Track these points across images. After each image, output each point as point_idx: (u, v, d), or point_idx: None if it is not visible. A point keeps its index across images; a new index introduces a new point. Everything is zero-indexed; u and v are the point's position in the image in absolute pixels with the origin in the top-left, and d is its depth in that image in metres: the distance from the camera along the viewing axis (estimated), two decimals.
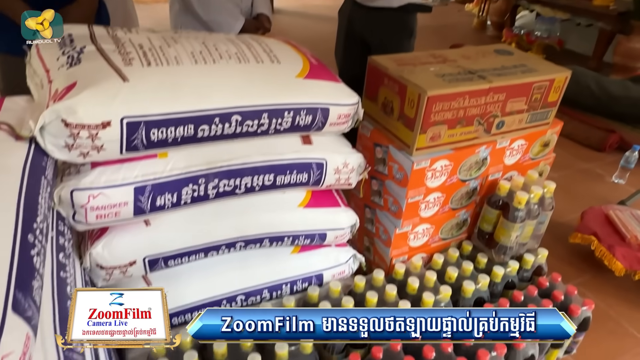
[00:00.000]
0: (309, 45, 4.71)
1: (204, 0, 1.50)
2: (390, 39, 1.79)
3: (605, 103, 2.75)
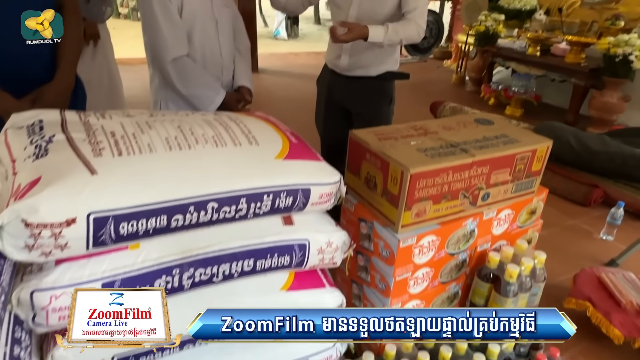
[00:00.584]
0: (293, 105, 4.81)
1: (183, 75, 1.49)
2: (371, 106, 1.81)
3: (585, 158, 2.79)
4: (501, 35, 4.72)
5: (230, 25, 1.63)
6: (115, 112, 1.06)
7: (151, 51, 1.50)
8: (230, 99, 1.60)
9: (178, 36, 1.46)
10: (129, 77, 4.88)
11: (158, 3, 1.42)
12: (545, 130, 3.03)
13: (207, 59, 1.56)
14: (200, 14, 1.51)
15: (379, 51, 1.70)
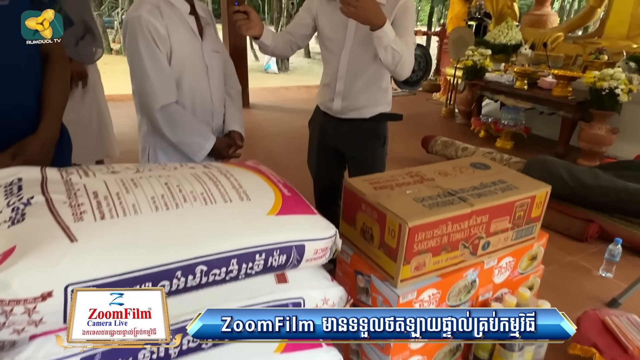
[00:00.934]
0: (284, 140, 4.77)
1: (172, 123, 1.46)
2: (365, 148, 1.78)
3: (579, 193, 2.78)
4: (489, 69, 4.80)
5: (221, 70, 1.61)
6: (99, 167, 1.02)
7: (139, 99, 1.47)
8: (220, 144, 1.57)
9: (166, 83, 1.43)
10: (120, 113, 4.86)
11: (146, 50, 1.40)
12: (537, 164, 3.03)
13: (197, 105, 1.54)
14: (190, 60, 1.49)
15: (373, 93, 1.69)
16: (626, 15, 4.65)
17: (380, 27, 1.40)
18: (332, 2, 1.63)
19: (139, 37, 1.39)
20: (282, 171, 4.11)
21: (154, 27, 1.38)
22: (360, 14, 1.37)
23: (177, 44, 1.44)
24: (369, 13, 1.37)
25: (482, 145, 4.12)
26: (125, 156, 3.84)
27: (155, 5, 1.41)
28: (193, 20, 1.49)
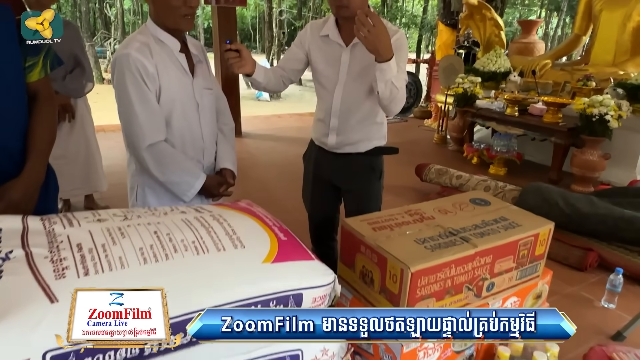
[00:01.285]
0: (277, 170, 4.71)
1: (159, 161, 1.42)
2: (360, 183, 1.75)
3: (576, 221, 2.76)
4: (479, 97, 4.85)
5: (213, 107, 1.58)
6: (85, 215, 0.97)
7: (126, 137, 1.43)
8: (211, 182, 1.52)
9: (155, 122, 1.40)
10: (111, 144, 4.81)
11: (134, 88, 1.37)
12: (533, 192, 3.02)
13: (187, 143, 1.50)
14: (180, 97, 1.46)
15: (368, 127, 1.66)
16: (611, 43, 4.75)
17: (387, 60, 1.38)
18: (324, 38, 1.62)
19: (127, 76, 1.36)
20: (275, 202, 4.10)
21: (143, 65, 1.36)
22: (371, 41, 1.34)
23: (166, 81, 1.42)
24: (379, 43, 1.35)
25: (475, 172, 4.12)
26: (116, 189, 3.78)
27: (144, 43, 1.39)
28: (184, 58, 1.47)
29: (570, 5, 19.26)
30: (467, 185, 3.42)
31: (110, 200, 3.41)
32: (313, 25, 1.69)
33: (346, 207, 1.82)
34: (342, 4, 1.47)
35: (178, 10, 1.36)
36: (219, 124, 1.66)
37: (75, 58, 2.77)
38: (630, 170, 4.01)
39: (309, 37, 1.66)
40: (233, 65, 1.47)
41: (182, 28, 1.42)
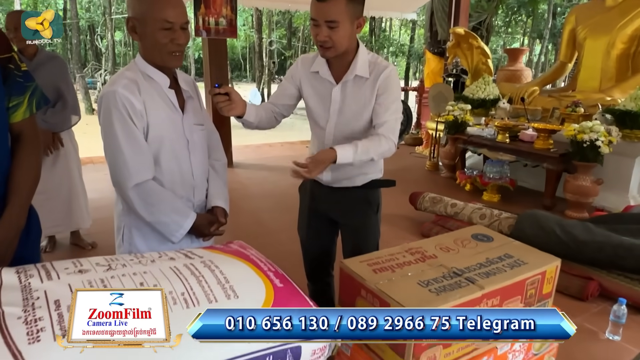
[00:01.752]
0: (270, 201, 4.62)
1: (147, 201, 1.35)
2: (357, 216, 1.70)
3: (574, 249, 2.72)
4: (470, 124, 4.87)
5: (204, 144, 1.54)
6: (65, 266, 0.90)
7: (112, 177, 1.37)
8: (202, 221, 1.46)
9: (141, 160, 1.34)
10: (99, 177, 4.72)
11: (121, 126, 1.32)
12: (529, 220, 2.98)
13: (177, 181, 1.44)
14: (169, 134, 1.41)
15: (362, 164, 1.62)
16: (596, 70, 4.84)
17: (335, 159, 1.41)
18: (315, 74, 1.60)
19: (114, 113, 1.31)
20: (268, 234, 4.00)
21: (130, 102, 1.31)
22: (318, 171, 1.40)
23: (155, 118, 1.37)
24: (321, 165, 1.41)
25: (469, 199, 4.09)
26: (104, 223, 3.67)
27: (132, 80, 1.35)
28: (173, 94, 1.43)
29: (552, 33, 19.84)
30: (462, 214, 3.38)
31: (99, 236, 3.31)
32: (304, 59, 1.66)
33: (343, 242, 1.76)
34: (327, 46, 1.45)
35: (166, 47, 1.32)
36: (211, 160, 1.61)
37: (59, 91, 2.72)
38: (623, 195, 4.01)
39: (300, 71, 1.64)
40: (222, 108, 1.43)
41: (170, 65, 1.38)
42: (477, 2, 8.50)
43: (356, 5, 1.44)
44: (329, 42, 1.44)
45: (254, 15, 17.73)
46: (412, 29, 22.71)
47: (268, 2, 7.34)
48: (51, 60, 2.70)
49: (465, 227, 1.42)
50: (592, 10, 4.97)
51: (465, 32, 5.87)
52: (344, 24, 1.42)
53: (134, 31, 1.33)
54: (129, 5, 1.33)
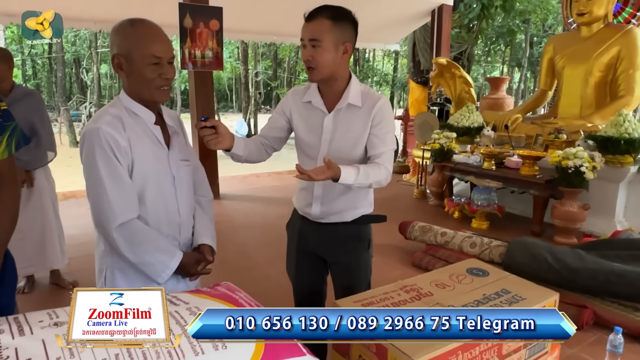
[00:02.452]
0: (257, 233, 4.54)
1: (131, 241, 1.30)
2: (347, 253, 1.65)
3: (566, 277, 2.69)
4: (456, 151, 4.92)
5: (190, 180, 1.50)
6: (38, 318, 0.84)
7: (95, 217, 1.32)
8: (188, 260, 1.40)
9: (126, 199, 1.30)
10: (81, 212, 4.61)
11: (104, 164, 1.28)
12: (520, 248, 2.97)
13: (162, 219, 1.39)
14: (154, 171, 1.37)
15: (352, 196, 1.59)
16: (576, 97, 4.96)
17: (338, 178, 1.37)
18: (307, 104, 1.59)
19: (97, 151, 1.27)
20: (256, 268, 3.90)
21: (114, 139, 1.28)
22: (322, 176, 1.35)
23: (139, 155, 1.33)
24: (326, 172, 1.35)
25: (458, 226, 4.08)
26: (87, 260, 3.56)
27: (117, 116, 1.32)
28: (159, 130, 1.39)
29: (529, 62, 20.50)
30: (453, 243, 3.35)
31: (80, 273, 3.19)
32: (294, 92, 1.66)
33: (334, 280, 1.71)
34: (310, 65, 1.48)
35: (154, 82, 1.30)
36: (197, 196, 1.56)
37: (33, 128, 2.66)
38: (610, 220, 4.04)
39: (291, 103, 1.63)
40: (209, 142, 1.41)
41: (158, 100, 1.36)
42: (457, 33, 8.75)
43: (342, 29, 1.46)
44: (312, 61, 1.46)
45: (239, 47, 18.00)
46: (395, 59, 23.28)
47: (253, 35, 7.45)
48: (26, 97, 2.66)
49: (460, 262, 1.39)
50: (569, 40, 5.13)
51: (447, 62, 6.00)
52: (327, 44, 1.44)
53: (120, 68, 1.31)
54: (114, 42, 1.31)
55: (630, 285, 2.51)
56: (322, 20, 1.43)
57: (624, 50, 4.65)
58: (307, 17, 1.47)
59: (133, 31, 1.29)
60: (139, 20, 1.32)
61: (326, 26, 1.43)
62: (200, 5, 4.94)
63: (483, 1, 8.40)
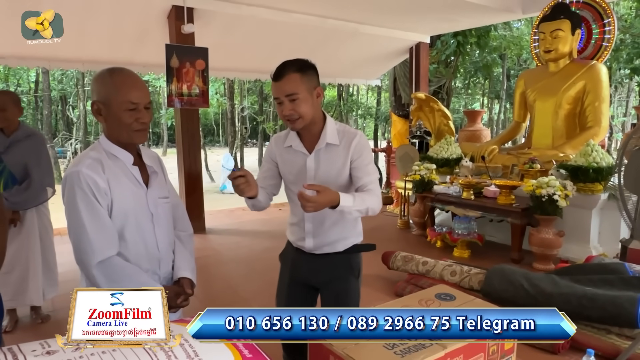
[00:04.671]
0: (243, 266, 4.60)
1: (111, 278, 1.36)
2: (339, 281, 1.74)
3: (542, 302, 2.79)
4: (436, 182, 5.07)
5: (169, 216, 1.58)
6: (32, 348, 0.90)
7: (76, 256, 1.39)
8: (168, 293, 1.47)
9: (105, 237, 1.37)
10: (66, 249, 4.61)
11: (84, 205, 1.36)
12: (497, 275, 3.06)
13: (142, 255, 1.47)
14: (133, 209, 1.45)
15: (342, 227, 1.69)
16: (548, 128, 5.20)
17: (338, 204, 1.45)
18: (288, 149, 1.70)
19: (77, 193, 1.36)
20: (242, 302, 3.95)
21: (94, 181, 1.37)
22: (320, 207, 1.42)
23: (118, 194, 1.42)
24: (325, 203, 1.43)
25: (440, 256, 4.17)
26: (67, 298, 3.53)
27: (96, 159, 1.41)
28: (137, 170, 1.49)
29: (508, 94, 21.21)
30: (434, 271, 3.44)
31: (62, 312, 3.19)
32: (277, 138, 1.78)
33: (323, 307, 1.78)
34: (294, 118, 1.57)
35: (131, 126, 1.41)
36: (176, 231, 1.64)
37: (27, 168, 2.71)
38: (585, 246, 4.18)
39: (274, 149, 1.75)
40: (243, 190, 1.51)
41: (136, 141, 1.46)
42: (435, 69, 9.12)
43: (310, 77, 1.58)
44: (295, 114, 1.56)
45: (226, 84, 18.36)
46: (378, 93, 23.86)
47: (238, 73, 7.68)
48: (28, 138, 2.73)
49: (430, 287, 1.48)
50: (538, 75, 5.42)
51: (426, 96, 6.25)
52: (303, 94, 1.56)
53: (99, 113, 1.41)
54: (93, 90, 1.42)
55: (602, 309, 2.61)
56: (292, 75, 1.54)
57: (589, 84, 4.92)
58: (275, 76, 1.56)
59: (111, 80, 1.40)
60: (117, 69, 1.43)
61: (297, 79, 1.54)
62: (186, 47, 5.13)
63: (458, 38, 8.81)
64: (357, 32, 6.55)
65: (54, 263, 3.15)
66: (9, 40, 4.82)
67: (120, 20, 5.28)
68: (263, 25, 5.88)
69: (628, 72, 13.05)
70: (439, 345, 1.09)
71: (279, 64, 1.57)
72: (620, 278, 2.84)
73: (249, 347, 1.01)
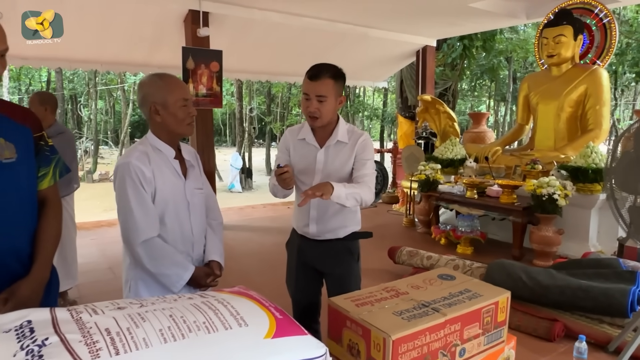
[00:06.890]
0: (255, 259, 4.84)
1: (152, 256, 1.57)
2: (341, 265, 1.93)
3: (539, 293, 2.96)
4: (441, 182, 5.24)
5: (203, 205, 1.78)
6: (105, 304, 1.09)
7: (123, 234, 1.60)
8: (199, 273, 1.67)
9: (149, 220, 1.58)
10: (88, 242, 4.83)
11: (132, 191, 1.57)
12: (497, 269, 3.24)
13: (178, 238, 1.67)
14: (173, 198, 1.66)
15: (343, 216, 1.89)
16: (550, 130, 5.36)
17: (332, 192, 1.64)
18: (301, 141, 1.90)
19: (127, 181, 1.57)
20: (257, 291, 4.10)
21: (141, 171, 1.58)
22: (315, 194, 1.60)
23: (161, 184, 1.63)
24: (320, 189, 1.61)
25: (444, 252, 4.35)
26: (92, 287, 3.77)
27: (144, 152, 1.62)
28: (177, 163, 1.70)
29: (514, 96, 21.30)
30: (438, 265, 3.62)
31: (86, 299, 3.40)
32: (290, 130, 1.98)
33: (329, 289, 1.97)
34: (315, 116, 1.77)
35: (184, 120, 1.63)
36: (208, 219, 1.84)
37: None
38: (584, 244, 4.34)
39: (289, 140, 1.94)
40: (289, 183, 1.73)
41: (188, 134, 1.69)
42: (441, 71, 9.28)
43: (340, 85, 1.80)
44: (318, 113, 1.77)
45: (235, 85, 18.60)
46: (384, 95, 24.02)
47: (250, 75, 7.89)
48: (59, 135, 2.96)
49: (433, 269, 1.66)
50: (541, 79, 5.58)
51: (432, 98, 6.43)
52: (331, 98, 1.76)
53: (157, 113, 1.62)
54: (147, 93, 1.62)
55: (595, 300, 2.78)
56: (327, 80, 1.74)
57: (590, 88, 5.08)
58: (312, 76, 1.75)
59: (163, 83, 1.62)
60: (163, 74, 1.66)
61: (330, 85, 1.75)
62: (202, 49, 5.34)
63: (464, 42, 8.97)
64: (365, 35, 6.73)
65: (72, 258, 3.36)
66: None
67: (139, 23, 5.49)
68: (274, 28, 6.08)
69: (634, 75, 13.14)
70: (440, 313, 1.28)
71: (316, 64, 1.78)
72: (614, 272, 3.01)
73: (279, 310, 1.21)
